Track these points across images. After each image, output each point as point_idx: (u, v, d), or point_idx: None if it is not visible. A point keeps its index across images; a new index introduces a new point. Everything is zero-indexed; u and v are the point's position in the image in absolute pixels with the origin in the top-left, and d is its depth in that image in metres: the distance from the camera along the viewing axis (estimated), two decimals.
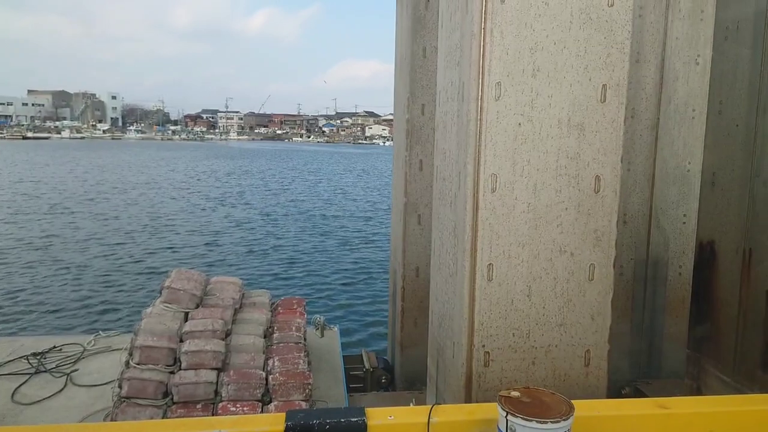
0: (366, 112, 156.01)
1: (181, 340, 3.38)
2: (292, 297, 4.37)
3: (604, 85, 2.57)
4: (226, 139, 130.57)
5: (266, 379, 3.27)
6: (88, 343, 4.37)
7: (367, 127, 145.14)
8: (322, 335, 4.48)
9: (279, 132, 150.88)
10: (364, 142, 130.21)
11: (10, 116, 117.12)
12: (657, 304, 4.24)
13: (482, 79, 2.47)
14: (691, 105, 4.13)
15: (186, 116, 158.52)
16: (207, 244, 14.85)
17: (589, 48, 2.53)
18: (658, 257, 4.22)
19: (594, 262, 2.61)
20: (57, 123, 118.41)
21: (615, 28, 2.54)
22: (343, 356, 4.27)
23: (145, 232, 16.09)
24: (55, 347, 4.24)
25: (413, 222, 4.34)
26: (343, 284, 10.64)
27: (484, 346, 2.56)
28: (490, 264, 2.55)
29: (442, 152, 3.01)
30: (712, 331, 3.68)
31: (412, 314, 4.40)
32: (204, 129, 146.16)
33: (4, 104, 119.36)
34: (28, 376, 3.79)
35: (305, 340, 3.79)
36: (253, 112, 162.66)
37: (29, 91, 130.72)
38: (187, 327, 3.45)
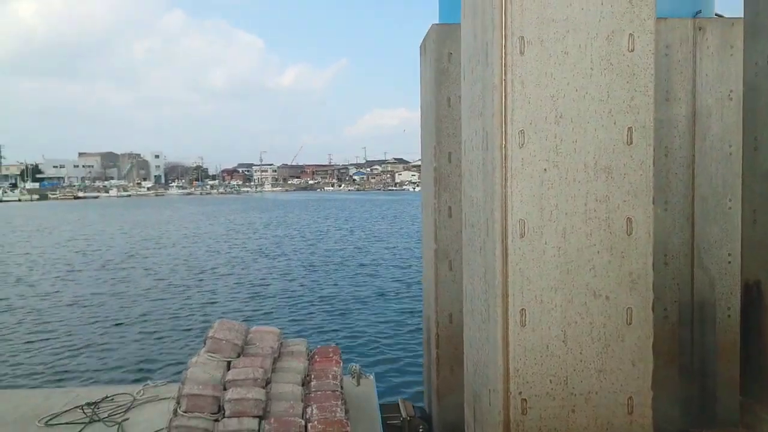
0: (395, 158, 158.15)
1: (224, 388, 3.46)
2: (328, 345, 4.38)
3: (629, 128, 2.59)
4: (261, 191, 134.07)
5: (305, 427, 3.30)
6: (137, 393, 4.47)
7: (396, 174, 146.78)
8: (359, 383, 4.45)
9: (311, 182, 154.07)
10: (394, 188, 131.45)
11: (62, 177, 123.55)
12: (706, 347, 4.07)
13: (505, 127, 2.53)
14: (727, 141, 4.08)
15: (223, 171, 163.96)
16: (248, 294, 15.08)
17: (611, 93, 2.57)
18: (704, 298, 4.08)
19: (631, 305, 2.55)
20: (105, 182, 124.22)
21: (637, 72, 2.58)
22: (380, 405, 4.22)
23: (189, 284, 16.49)
24: (107, 397, 4.35)
25: (444, 268, 4.34)
26: (379, 331, 10.58)
27: (520, 393, 2.51)
28: (522, 309, 2.54)
29: (469, 199, 3.05)
30: (766, 376, 3.50)
31: (447, 361, 4.34)
32: (240, 182, 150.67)
33: (57, 167, 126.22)
34: (83, 425, 3.92)
35: (342, 388, 3.78)
36: (286, 164, 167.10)
37: (80, 154, 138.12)
38: (229, 375, 3.53)
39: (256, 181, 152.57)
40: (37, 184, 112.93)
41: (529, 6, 2.53)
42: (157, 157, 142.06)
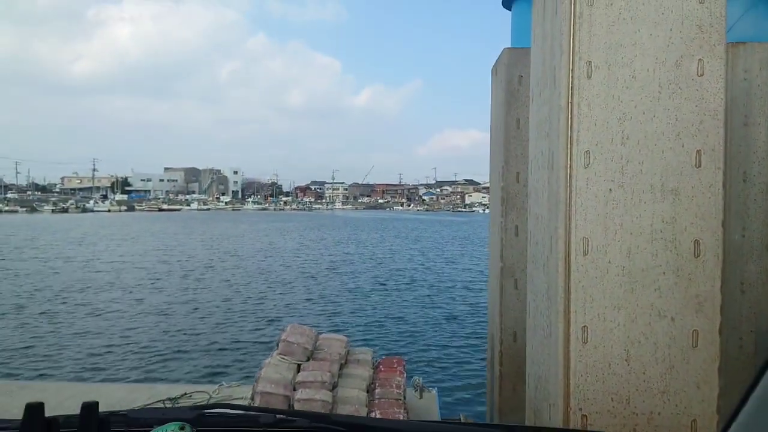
0: (465, 180, 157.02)
1: (294, 389, 3.68)
2: (392, 356, 4.53)
3: (698, 151, 2.60)
4: (332, 209, 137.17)
5: None
6: (213, 392, 4.80)
7: (466, 195, 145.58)
8: (421, 396, 4.55)
9: (381, 201, 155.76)
10: (464, 209, 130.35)
11: (148, 191, 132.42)
12: None
13: (570, 148, 2.62)
14: None
15: (296, 188, 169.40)
16: (318, 306, 15.59)
17: (680, 116, 2.60)
18: None
19: (697, 328, 2.54)
20: (187, 196, 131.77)
21: (706, 96, 2.60)
22: (441, 419, 4.30)
23: (264, 295, 17.27)
24: (185, 394, 4.71)
25: (510, 286, 4.39)
26: (445, 348, 10.63)
27: (581, 409, 2.55)
28: (584, 326, 2.58)
29: (534, 217, 3.13)
30: None
31: (510, 379, 4.36)
32: (312, 199, 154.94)
33: (144, 180, 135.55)
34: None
35: (405, 398, 3.91)
36: (357, 183, 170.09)
37: (165, 168, 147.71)
38: (299, 377, 3.76)
39: (328, 198, 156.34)
40: (125, 196, 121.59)
41: (597, 32, 2.63)
42: (235, 173, 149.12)
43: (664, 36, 2.59)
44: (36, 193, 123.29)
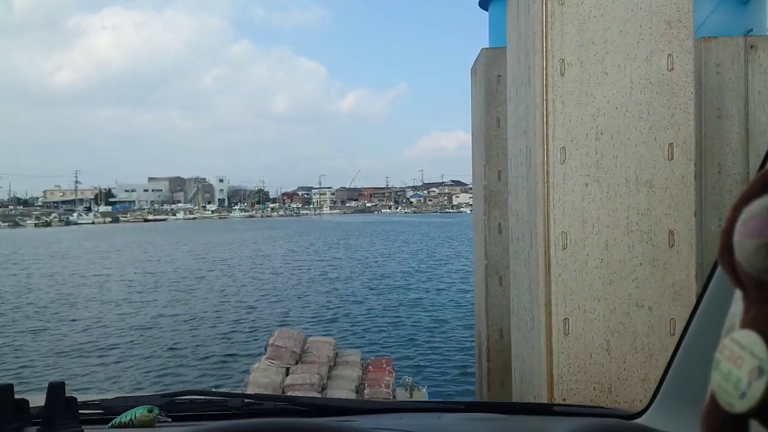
0: (452, 181, 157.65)
1: (283, 392, 3.70)
2: (381, 357, 4.57)
3: (670, 144, 2.67)
4: (319, 214, 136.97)
5: None
6: None
7: (454, 196, 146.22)
8: (411, 395, 4.59)
9: (368, 204, 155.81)
10: (451, 210, 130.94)
11: (133, 201, 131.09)
12: None
13: (547, 144, 2.68)
14: None
15: (283, 194, 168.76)
16: (310, 311, 15.57)
17: (651, 110, 2.67)
18: None
19: (674, 316, 2.60)
20: (173, 206, 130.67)
21: (677, 90, 2.67)
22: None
23: (254, 303, 17.21)
24: None
25: (495, 283, 4.45)
26: (431, 345, 10.71)
27: (564, 399, 2.60)
28: (565, 318, 2.64)
29: (515, 214, 3.19)
30: None
31: (498, 375, 4.41)
32: (299, 205, 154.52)
33: (128, 191, 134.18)
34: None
35: (394, 397, 3.95)
36: (344, 187, 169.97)
37: (149, 179, 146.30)
38: (288, 380, 3.78)
39: (315, 203, 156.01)
40: (109, 208, 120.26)
41: (569, 30, 2.69)
42: (221, 180, 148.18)
43: (634, 32, 2.66)
44: (18, 207, 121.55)
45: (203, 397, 1.44)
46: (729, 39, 4.13)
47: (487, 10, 5.05)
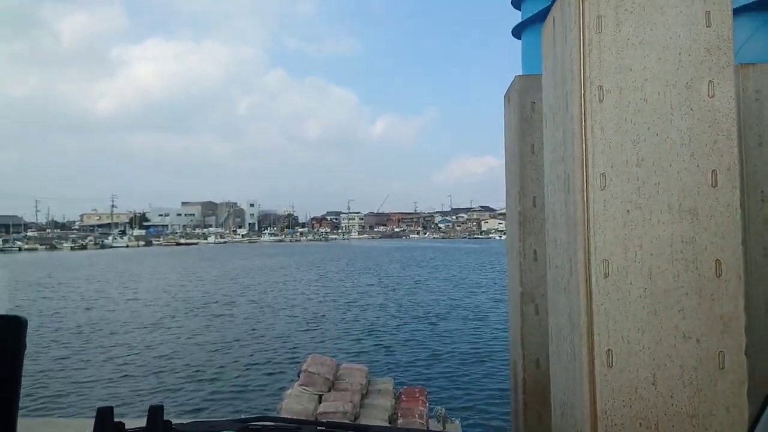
0: (481, 206, 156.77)
1: (316, 419, 3.66)
2: (414, 386, 4.49)
3: (713, 171, 2.61)
4: (348, 239, 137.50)
5: None
6: None
7: (482, 222, 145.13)
8: (444, 427, 4.48)
9: (396, 229, 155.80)
10: (480, 236, 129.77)
11: (166, 225, 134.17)
12: None
13: (586, 170, 2.65)
14: None
15: (312, 218, 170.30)
16: (343, 336, 15.54)
17: (693, 137, 2.62)
18: None
19: (723, 349, 2.51)
20: (204, 230, 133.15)
21: (718, 117, 2.62)
22: None
23: (285, 326, 17.30)
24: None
25: (530, 312, 4.36)
26: (465, 375, 10.50)
27: None
28: (609, 350, 2.56)
29: (553, 241, 3.14)
30: None
31: (535, 407, 4.29)
32: (328, 229, 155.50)
33: (162, 215, 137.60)
34: None
35: (428, 428, 3.87)
36: (373, 212, 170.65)
37: (183, 203, 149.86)
38: (321, 408, 3.74)
39: (344, 228, 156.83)
40: (143, 231, 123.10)
41: (607, 57, 2.68)
42: (252, 205, 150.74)
43: (673, 59, 2.63)
44: (55, 230, 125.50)
45: (276, 423, 1.45)
46: (767, 65, 4.07)
47: (520, 38, 5.08)
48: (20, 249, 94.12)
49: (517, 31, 5.04)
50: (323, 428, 1.38)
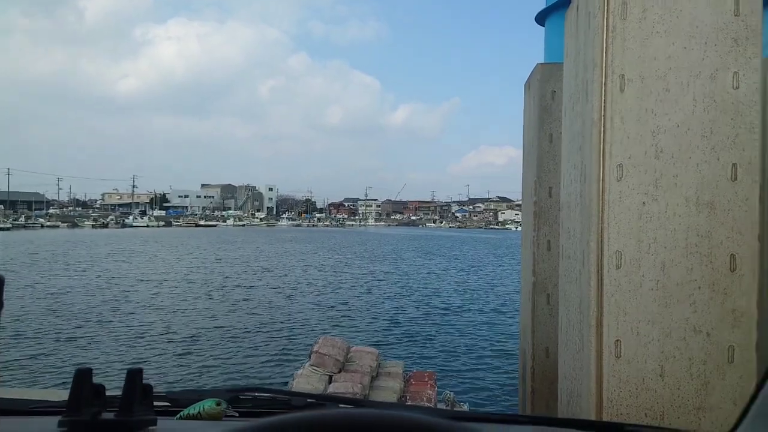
0: (498, 197, 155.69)
1: None
2: (423, 370, 4.54)
3: (734, 164, 2.57)
4: (364, 225, 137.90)
5: None
6: None
7: (499, 212, 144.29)
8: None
9: (413, 218, 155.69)
10: (496, 227, 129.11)
11: (186, 207, 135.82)
12: None
13: (603, 161, 2.63)
14: None
15: (330, 204, 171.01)
16: (353, 319, 15.69)
17: (715, 129, 2.58)
18: None
19: (733, 343, 2.49)
20: (223, 212, 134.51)
21: (742, 110, 2.57)
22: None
23: (301, 306, 17.52)
24: None
25: (542, 302, 4.36)
26: (475, 362, 10.55)
27: None
28: (617, 340, 2.56)
29: (566, 231, 3.13)
30: None
31: (542, 396, 4.31)
32: (345, 216, 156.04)
33: (182, 197, 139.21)
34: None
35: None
36: (390, 200, 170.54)
37: (203, 185, 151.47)
38: (331, 388, 3.81)
39: (361, 215, 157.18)
40: (163, 212, 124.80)
41: (630, 45, 2.64)
42: (270, 189, 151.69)
43: (699, 49, 2.59)
44: (77, 208, 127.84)
45: (267, 394, 1.47)
46: None
47: (543, 25, 5.01)
48: (42, 226, 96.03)
49: (541, 18, 4.97)
50: (313, 400, 1.40)
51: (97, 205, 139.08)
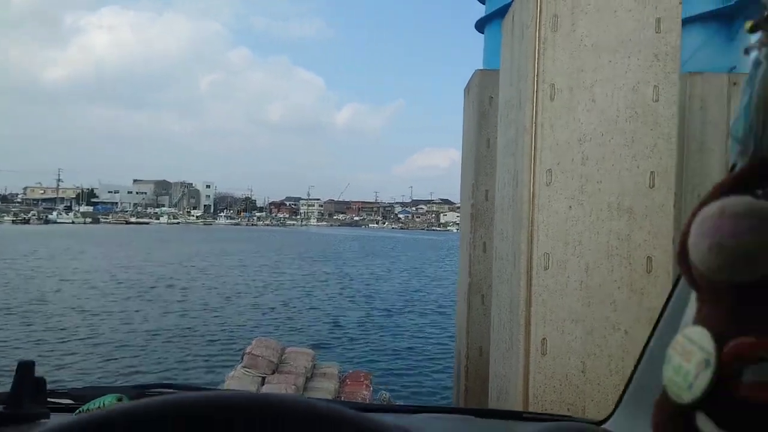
0: (441, 199, 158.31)
1: None
2: (359, 370, 4.55)
3: (652, 172, 2.74)
4: (306, 225, 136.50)
5: None
6: None
7: (441, 214, 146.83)
8: None
9: (356, 218, 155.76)
10: (438, 228, 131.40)
11: (116, 203, 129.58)
12: None
13: (534, 167, 2.73)
14: None
15: (271, 203, 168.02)
16: (291, 321, 15.46)
17: (636, 138, 2.75)
18: None
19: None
20: (157, 209, 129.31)
21: (660, 121, 2.75)
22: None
23: (239, 308, 17.09)
24: None
25: (477, 302, 4.48)
26: (411, 362, 10.69)
27: None
28: (544, 339, 2.67)
29: (500, 233, 3.23)
30: None
31: (475, 394, 4.42)
32: (286, 215, 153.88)
33: (112, 192, 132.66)
34: None
35: None
36: (333, 200, 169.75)
37: (134, 181, 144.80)
38: (263, 390, 3.74)
39: (303, 214, 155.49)
40: (90, 208, 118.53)
41: (560, 57, 2.76)
42: (208, 186, 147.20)
43: (623, 63, 2.74)
44: None
45: (176, 391, 1.42)
46: (713, 75, 4.26)
47: (483, 33, 5.15)
48: None
49: (480, 25, 5.11)
50: (228, 394, 1.37)
51: (19, 200, 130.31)
